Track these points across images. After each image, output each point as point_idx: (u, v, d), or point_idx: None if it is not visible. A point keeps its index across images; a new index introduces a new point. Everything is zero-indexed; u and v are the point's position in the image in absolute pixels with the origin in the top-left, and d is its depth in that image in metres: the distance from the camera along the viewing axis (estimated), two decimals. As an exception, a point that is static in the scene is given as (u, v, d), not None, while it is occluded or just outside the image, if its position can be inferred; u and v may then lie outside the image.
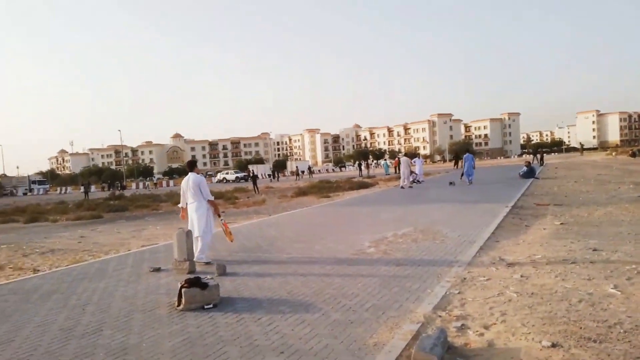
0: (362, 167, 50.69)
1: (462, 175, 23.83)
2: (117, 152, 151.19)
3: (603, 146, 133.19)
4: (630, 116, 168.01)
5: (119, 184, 64.98)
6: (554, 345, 3.64)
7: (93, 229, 14.64)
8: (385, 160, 60.95)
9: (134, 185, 68.78)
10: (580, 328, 3.95)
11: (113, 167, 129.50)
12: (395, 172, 44.03)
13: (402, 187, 23.28)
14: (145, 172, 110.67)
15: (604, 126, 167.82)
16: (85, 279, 7.11)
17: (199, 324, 4.69)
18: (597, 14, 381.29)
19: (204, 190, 7.81)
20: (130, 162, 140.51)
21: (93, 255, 9.58)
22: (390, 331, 4.22)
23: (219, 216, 8.08)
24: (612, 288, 4.96)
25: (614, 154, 54.17)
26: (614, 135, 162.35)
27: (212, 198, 7.93)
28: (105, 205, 23.55)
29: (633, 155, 44.08)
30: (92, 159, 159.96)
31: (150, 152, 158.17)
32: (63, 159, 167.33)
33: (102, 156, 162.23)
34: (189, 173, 7.97)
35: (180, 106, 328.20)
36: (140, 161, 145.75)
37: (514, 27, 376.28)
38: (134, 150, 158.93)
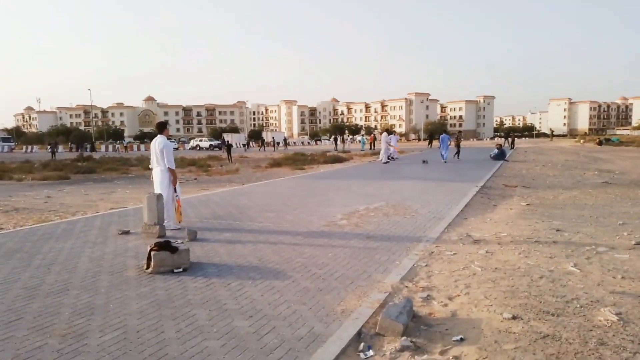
0: (338, 142, 50.64)
1: (457, 154, 25.52)
2: (86, 113, 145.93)
3: (572, 133, 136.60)
4: (600, 106, 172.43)
5: (89, 145, 63.14)
6: (514, 317, 3.79)
7: (60, 190, 14.25)
8: (362, 135, 60.95)
9: (103, 147, 66.96)
10: (540, 302, 4.12)
11: (82, 127, 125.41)
12: (371, 148, 44.25)
13: (384, 162, 23.72)
14: (115, 134, 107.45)
15: (574, 114, 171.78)
16: (51, 239, 6.95)
17: (167, 287, 4.67)
18: (575, 7, 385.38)
19: (167, 156, 7.49)
20: (100, 123, 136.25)
21: (59, 215, 9.36)
22: (358, 299, 4.31)
23: (175, 190, 7.63)
24: (572, 266, 5.17)
25: (582, 141, 55.73)
26: (583, 123, 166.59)
27: (172, 166, 7.56)
28: (73, 167, 22.91)
29: (600, 143, 45.50)
30: (60, 118, 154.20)
31: (121, 114, 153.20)
32: (29, 117, 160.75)
33: (71, 116, 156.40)
34: (158, 135, 7.72)
35: (154, 69, 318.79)
36: (111, 123, 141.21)
37: (494, 14, 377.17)
38: (104, 112, 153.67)
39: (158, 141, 7.59)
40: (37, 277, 5.08)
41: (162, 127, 7.80)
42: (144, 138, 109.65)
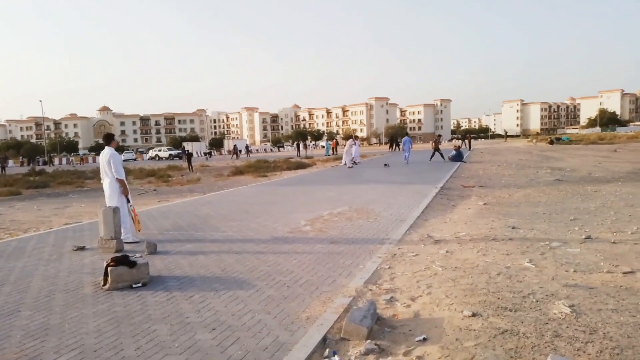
0: (301, 148, 50.65)
1: (441, 155, 25.86)
2: (37, 125, 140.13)
3: (525, 134, 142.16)
4: (550, 106, 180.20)
5: (48, 159, 60.53)
6: (474, 315, 3.89)
7: (10, 206, 13.60)
8: (326, 141, 61.18)
9: (56, 160, 64.37)
10: (498, 298, 4.25)
11: (33, 140, 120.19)
12: (333, 153, 44.54)
13: (350, 167, 24.43)
14: (69, 146, 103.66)
15: (526, 115, 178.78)
16: (1, 258, 6.61)
17: (126, 303, 4.53)
18: (522, 12, 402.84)
19: (115, 167, 7.25)
20: (52, 135, 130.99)
21: (10, 233, 8.92)
22: (323, 305, 4.31)
23: (128, 200, 7.41)
24: (527, 262, 5.36)
25: (534, 141, 58.02)
26: (535, 123, 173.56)
27: (121, 177, 7.31)
28: (25, 181, 21.92)
29: (551, 142, 47.48)
30: (10, 132, 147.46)
31: (75, 125, 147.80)
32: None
33: (21, 128, 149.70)
34: (105, 146, 7.48)
35: (109, 78, 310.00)
36: (64, 135, 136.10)
37: (447, 20, 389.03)
38: (57, 123, 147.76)
39: (104, 152, 7.39)
40: (-15, 299, 4.81)
41: (109, 139, 7.59)
42: (100, 149, 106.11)
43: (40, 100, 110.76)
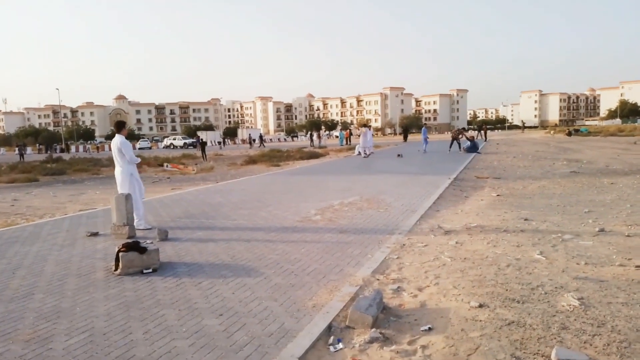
0: (314, 138, 50.51)
1: (459, 146, 26.15)
2: (55, 113, 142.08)
3: (543, 125, 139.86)
4: (569, 97, 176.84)
5: (64, 146, 61.51)
6: (481, 306, 3.86)
7: (28, 192, 13.87)
8: (341, 131, 60.95)
9: (73, 148, 65.34)
10: (506, 290, 4.21)
11: (51, 128, 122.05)
12: (346, 143, 44.39)
13: (364, 157, 24.37)
14: (86, 134, 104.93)
15: (545, 106, 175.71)
16: (17, 243, 6.76)
17: (136, 288, 4.60)
18: (540, 3, 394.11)
19: (127, 153, 7.34)
20: (69, 123, 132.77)
21: (26, 218, 9.11)
22: (330, 293, 4.33)
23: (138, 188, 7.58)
24: (537, 254, 5.30)
25: (552, 132, 57.05)
26: (554, 114, 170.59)
27: (134, 161, 7.44)
28: (42, 168, 22.30)
29: (569, 134, 46.64)
30: (28, 119, 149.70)
31: (92, 113, 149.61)
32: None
33: (39, 116, 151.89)
34: (116, 134, 7.53)
35: (125, 66, 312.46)
36: (81, 123, 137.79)
37: (464, 9, 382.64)
38: (74, 111, 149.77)
39: (115, 141, 7.43)
40: (0, 281, 4.94)
41: (120, 126, 7.61)
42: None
43: (58, 89, 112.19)
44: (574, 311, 3.68)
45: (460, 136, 27.90)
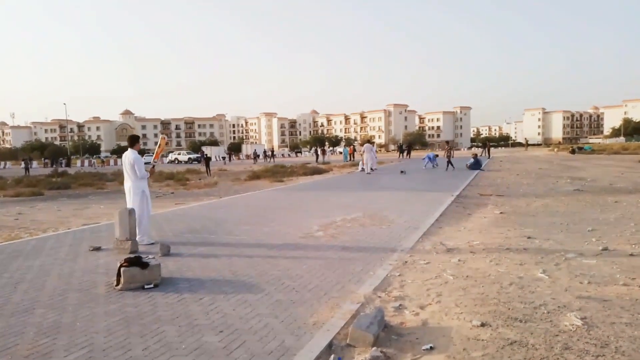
0: (319, 153, 50.58)
1: (448, 166, 25.26)
2: (61, 127, 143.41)
3: (547, 142, 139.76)
4: (572, 115, 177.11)
5: (65, 160, 61.96)
6: (483, 325, 3.83)
7: (32, 206, 13.92)
8: (345, 147, 61.05)
9: (79, 162, 65.73)
10: (509, 309, 4.18)
11: (57, 142, 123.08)
12: (351, 159, 44.45)
13: (367, 173, 24.21)
14: (92, 149, 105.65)
15: (548, 123, 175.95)
16: (19, 257, 6.77)
17: (137, 304, 4.59)
18: (544, 21, 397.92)
19: (138, 169, 7.37)
20: (76, 138, 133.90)
21: (30, 232, 9.13)
22: (331, 311, 4.30)
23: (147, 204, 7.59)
24: (541, 273, 5.27)
25: (555, 150, 57.03)
26: (557, 132, 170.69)
27: (145, 177, 7.49)
28: (47, 182, 22.41)
29: (572, 152, 46.60)
30: (35, 134, 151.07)
31: (98, 128, 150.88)
32: (3, 132, 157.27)
33: (46, 130, 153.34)
34: (128, 149, 7.59)
35: (132, 82, 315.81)
36: (87, 137, 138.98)
37: (469, 27, 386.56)
38: (80, 126, 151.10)
39: (128, 154, 7.49)
40: (2, 296, 4.94)
41: (133, 141, 7.66)
42: (122, 152, 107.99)
43: (65, 103, 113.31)
44: (577, 331, 3.64)
45: (450, 152, 26.94)
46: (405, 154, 52.03)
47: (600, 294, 4.51)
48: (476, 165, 25.09)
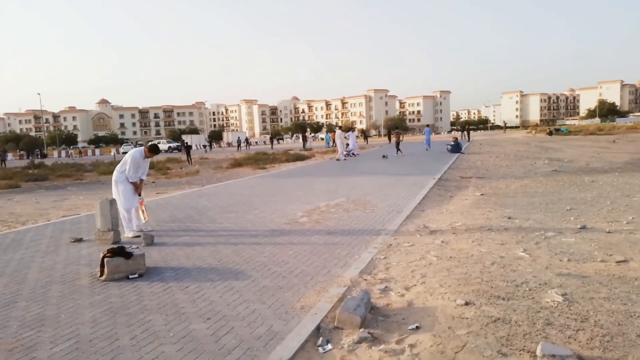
0: (302, 139, 50.28)
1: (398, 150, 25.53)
2: (36, 118, 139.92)
3: (524, 125, 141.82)
4: (549, 97, 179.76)
5: (40, 152, 60.55)
6: (467, 303, 3.91)
7: (9, 199, 13.60)
8: (327, 133, 60.85)
9: (55, 153, 64.30)
10: (492, 287, 4.27)
11: (32, 133, 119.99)
12: (333, 145, 44.41)
13: (337, 160, 23.88)
14: (68, 139, 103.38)
15: (526, 106, 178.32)
16: (-3, 251, 6.63)
17: (122, 294, 4.55)
18: (520, 3, 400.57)
19: (130, 167, 7.11)
20: (51, 128, 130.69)
21: (8, 225, 8.94)
22: (318, 295, 4.34)
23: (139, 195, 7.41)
24: (521, 252, 5.39)
25: (533, 132, 57.89)
26: (534, 114, 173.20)
27: (133, 180, 7.19)
28: (24, 174, 21.91)
29: (550, 133, 47.39)
30: (9, 125, 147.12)
31: (74, 118, 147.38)
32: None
33: (20, 122, 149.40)
34: (142, 148, 7.47)
35: (108, 71, 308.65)
36: (63, 128, 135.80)
37: (449, 14, 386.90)
38: (56, 116, 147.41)
39: (133, 151, 7.33)
40: (-18, 291, 4.84)
41: (152, 149, 7.43)
42: (99, 142, 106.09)
43: (39, 93, 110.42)
44: (558, 307, 3.75)
45: (399, 139, 27.57)
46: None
47: (580, 271, 4.64)
48: (456, 148, 25.37)
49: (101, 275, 5.06)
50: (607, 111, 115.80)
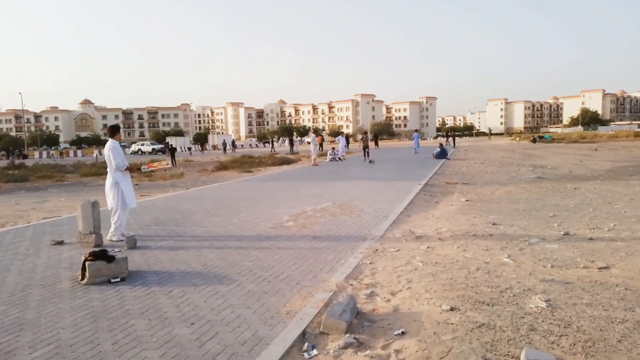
0: (294, 142, 50.22)
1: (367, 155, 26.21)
2: (17, 118, 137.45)
3: (509, 132, 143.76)
4: (533, 105, 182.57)
5: (20, 152, 59.44)
6: (452, 309, 3.93)
7: (-13, 200, 13.30)
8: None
9: (37, 154, 63.18)
10: (477, 293, 4.30)
11: (13, 133, 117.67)
12: (320, 149, 44.48)
13: (314, 165, 23.84)
14: (50, 140, 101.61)
15: (510, 113, 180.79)
16: (-25, 253, 6.46)
17: (104, 298, 4.47)
18: (508, 10, 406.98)
19: (114, 158, 7.00)
20: (33, 128, 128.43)
21: (-14, 227, 8.73)
22: (304, 300, 4.31)
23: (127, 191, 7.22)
24: (506, 257, 5.43)
25: (517, 139, 58.70)
26: (519, 122, 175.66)
27: (121, 167, 7.08)
28: (3, 175, 21.46)
29: (534, 141, 48.07)
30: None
31: (56, 118, 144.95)
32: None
33: (0, 121, 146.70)
34: (109, 139, 7.23)
35: (90, 70, 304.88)
36: (45, 128, 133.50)
37: (436, 22, 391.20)
38: (37, 116, 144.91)
39: (107, 145, 7.15)
40: (-42, 294, 4.71)
41: (113, 131, 7.23)
42: (81, 143, 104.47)
43: (20, 93, 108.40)
44: (542, 313, 3.78)
45: (366, 143, 27.88)
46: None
47: (563, 277, 4.69)
48: (442, 154, 25.58)
49: (82, 278, 4.96)
50: (589, 119, 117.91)
